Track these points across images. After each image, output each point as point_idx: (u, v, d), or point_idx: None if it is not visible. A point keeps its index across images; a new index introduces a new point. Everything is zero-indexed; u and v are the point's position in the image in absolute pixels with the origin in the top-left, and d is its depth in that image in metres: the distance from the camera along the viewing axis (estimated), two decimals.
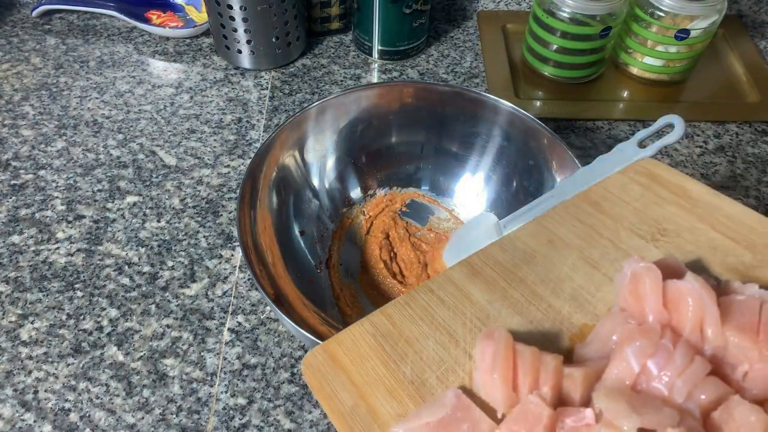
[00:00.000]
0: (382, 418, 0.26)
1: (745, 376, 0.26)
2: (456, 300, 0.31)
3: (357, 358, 0.29)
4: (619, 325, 0.27)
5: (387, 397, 0.27)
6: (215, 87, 0.73)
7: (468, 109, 0.57)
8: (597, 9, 0.65)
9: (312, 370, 0.28)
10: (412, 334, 0.30)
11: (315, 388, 0.28)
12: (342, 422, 0.26)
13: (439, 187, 0.61)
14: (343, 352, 0.29)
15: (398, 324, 0.30)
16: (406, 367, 0.28)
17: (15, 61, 0.76)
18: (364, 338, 0.29)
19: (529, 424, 0.24)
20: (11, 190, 0.61)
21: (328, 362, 0.29)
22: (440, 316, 0.30)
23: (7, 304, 0.52)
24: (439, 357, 0.29)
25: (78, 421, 0.45)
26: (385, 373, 0.28)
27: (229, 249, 0.56)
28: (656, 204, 0.35)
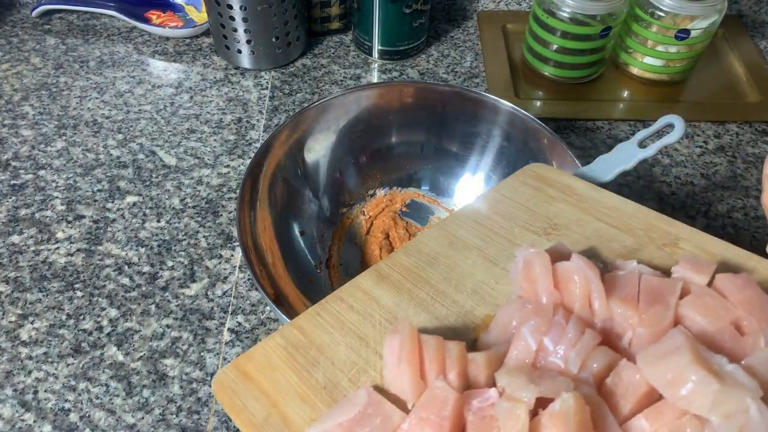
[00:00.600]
0: (296, 424, 0.27)
1: (631, 342, 0.28)
2: (365, 305, 0.32)
3: (269, 371, 0.29)
4: (517, 310, 0.29)
5: (300, 404, 0.27)
6: (215, 87, 0.73)
7: (468, 109, 0.57)
8: (597, 9, 0.65)
9: (222, 387, 0.28)
10: (323, 342, 0.30)
11: (226, 404, 0.28)
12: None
13: (439, 187, 0.61)
14: (254, 367, 0.29)
15: (309, 333, 0.31)
16: (318, 373, 0.29)
17: (15, 61, 0.75)
18: (275, 351, 0.30)
19: (437, 409, 0.25)
20: (11, 190, 0.61)
21: (238, 378, 0.29)
22: (350, 322, 0.31)
23: (7, 304, 0.52)
24: (350, 360, 0.29)
25: (78, 421, 0.45)
26: (297, 382, 0.28)
27: (229, 249, 0.56)
28: (546, 202, 0.38)
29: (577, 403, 0.24)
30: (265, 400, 0.28)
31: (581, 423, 0.24)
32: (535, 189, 0.39)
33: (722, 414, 0.23)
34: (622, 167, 0.46)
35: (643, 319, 0.28)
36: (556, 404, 0.24)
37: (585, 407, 0.24)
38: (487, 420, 0.25)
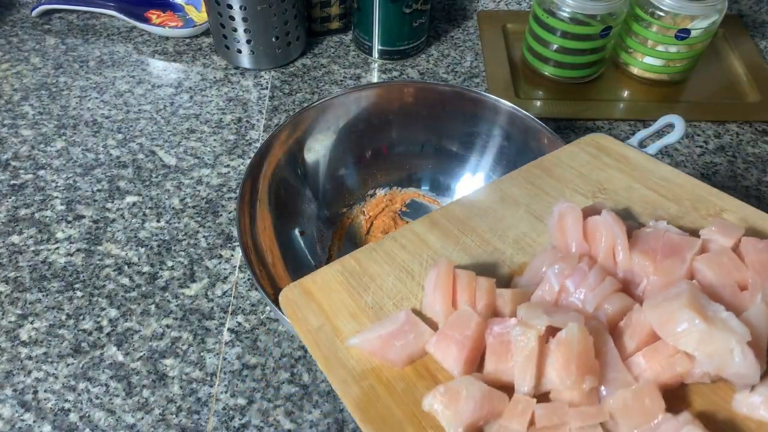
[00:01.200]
0: (343, 334, 0.31)
1: (645, 290, 0.31)
2: (415, 246, 0.36)
3: (326, 291, 0.33)
4: (548, 257, 0.33)
5: (349, 319, 0.32)
6: (215, 87, 0.73)
7: (468, 109, 0.57)
8: (597, 9, 0.65)
9: (287, 300, 0.33)
10: (375, 272, 0.34)
11: (289, 314, 0.32)
12: (309, 337, 0.31)
13: (439, 187, 0.61)
14: (315, 287, 0.33)
15: (364, 264, 0.35)
16: (367, 296, 0.33)
17: (15, 61, 0.75)
18: (334, 276, 0.34)
19: (461, 328, 0.29)
20: (11, 190, 0.61)
21: (301, 295, 0.33)
22: (400, 258, 0.35)
23: (6, 304, 0.52)
24: (396, 289, 0.33)
25: (78, 422, 0.45)
26: (349, 301, 0.33)
27: (229, 249, 0.56)
28: (599, 169, 0.40)
29: (581, 333, 0.27)
30: (321, 313, 0.32)
31: (583, 350, 0.27)
32: (591, 156, 0.41)
33: (706, 352, 0.26)
34: None
35: (657, 269, 0.31)
36: (563, 332, 0.27)
37: (588, 337, 0.27)
38: (505, 344, 0.28)
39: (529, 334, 0.27)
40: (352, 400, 0.28)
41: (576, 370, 0.26)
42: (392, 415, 0.27)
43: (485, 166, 0.59)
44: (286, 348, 0.49)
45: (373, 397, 0.28)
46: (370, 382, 0.29)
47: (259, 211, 0.50)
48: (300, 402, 0.46)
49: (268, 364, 0.48)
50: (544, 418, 0.26)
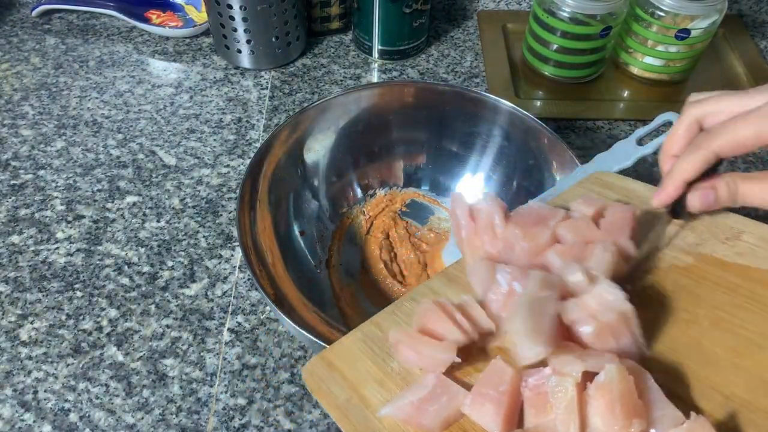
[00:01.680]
0: (373, 405, 0.30)
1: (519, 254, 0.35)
2: None
3: (350, 361, 0.32)
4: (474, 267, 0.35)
5: (377, 388, 0.31)
6: (215, 87, 0.73)
7: (468, 109, 0.57)
8: (597, 9, 0.65)
9: (311, 375, 0.32)
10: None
11: (313, 388, 0.32)
12: (338, 412, 0.30)
13: (439, 187, 0.61)
14: (337, 358, 0.33)
15: (385, 329, 0.34)
16: (393, 362, 0.32)
17: (15, 61, 0.75)
18: (355, 344, 0.33)
19: (495, 385, 0.28)
20: (11, 190, 0.61)
21: (324, 367, 0.32)
22: None
23: (6, 304, 0.52)
24: None
25: (78, 422, 0.45)
26: (374, 369, 0.32)
27: (229, 249, 0.56)
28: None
29: (620, 374, 0.26)
30: (347, 385, 0.31)
31: (625, 392, 0.26)
32: (596, 194, 0.41)
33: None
34: (621, 165, 0.46)
35: (526, 235, 0.34)
36: (601, 376, 0.27)
37: (628, 377, 0.26)
38: (542, 395, 0.27)
39: (566, 383, 0.27)
40: None
41: (621, 413, 0.25)
42: None
43: (485, 166, 0.59)
44: (286, 348, 0.49)
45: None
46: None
47: (259, 211, 0.50)
48: (300, 402, 0.46)
49: (268, 364, 0.48)
50: None
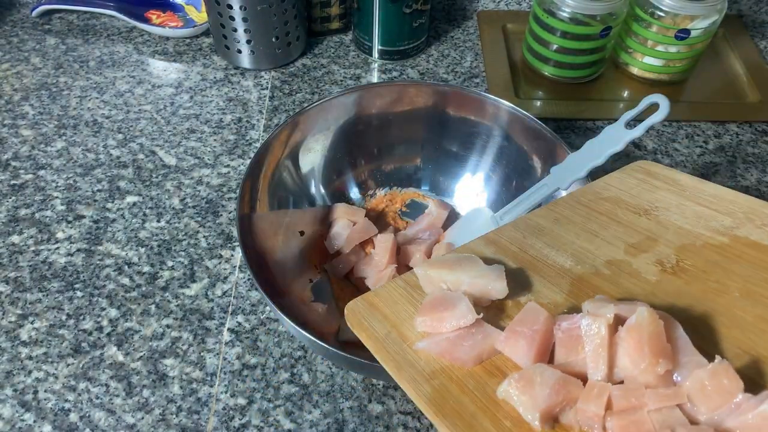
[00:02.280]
0: (411, 339, 0.32)
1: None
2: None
3: (390, 303, 0.34)
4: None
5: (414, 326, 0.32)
6: (215, 87, 0.73)
7: (468, 109, 0.57)
8: (597, 9, 0.65)
9: (352, 312, 0.34)
10: None
11: (354, 324, 0.33)
12: (376, 344, 0.32)
13: (439, 187, 0.61)
14: (379, 300, 0.35)
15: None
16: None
17: (15, 61, 0.75)
18: (396, 290, 0.35)
19: (529, 324, 0.29)
20: (11, 190, 0.61)
21: (366, 307, 0.34)
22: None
23: (7, 304, 0.52)
24: None
25: (78, 421, 0.45)
26: (413, 311, 0.33)
27: (229, 249, 0.56)
28: (649, 190, 0.41)
29: (650, 316, 0.27)
30: (386, 322, 0.33)
31: (654, 334, 0.27)
32: (639, 180, 0.42)
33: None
34: (612, 149, 0.47)
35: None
36: (632, 318, 0.27)
37: (658, 320, 0.27)
38: (574, 338, 0.29)
39: (598, 323, 0.28)
40: (425, 398, 0.29)
41: (649, 352, 0.26)
42: (466, 409, 0.28)
43: (485, 166, 0.59)
44: (286, 348, 0.49)
45: (445, 394, 0.29)
46: (441, 381, 0.29)
47: (259, 211, 0.50)
48: (300, 402, 0.46)
49: (268, 364, 0.48)
50: (621, 399, 0.26)
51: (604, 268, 0.35)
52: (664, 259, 0.35)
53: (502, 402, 0.28)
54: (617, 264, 0.35)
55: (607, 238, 0.37)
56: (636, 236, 0.37)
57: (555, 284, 0.34)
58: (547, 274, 0.35)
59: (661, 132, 0.69)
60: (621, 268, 0.35)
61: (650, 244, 0.36)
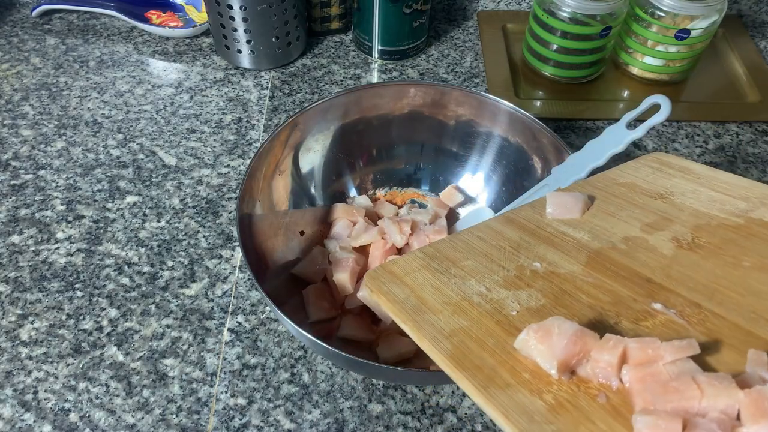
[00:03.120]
0: (429, 303, 0.33)
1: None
2: (492, 237, 0.38)
3: (409, 271, 0.35)
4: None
5: (433, 291, 0.33)
6: (215, 87, 0.73)
7: (468, 109, 0.57)
8: (597, 9, 0.65)
9: (372, 279, 0.35)
10: (454, 256, 0.36)
11: (374, 288, 0.34)
12: (395, 307, 0.33)
13: (439, 187, 0.61)
14: (398, 268, 0.36)
15: (443, 250, 0.37)
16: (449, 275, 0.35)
17: (15, 61, 0.75)
18: (415, 260, 0.36)
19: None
20: (11, 190, 0.61)
21: (385, 274, 0.35)
22: (478, 246, 0.37)
23: (7, 304, 0.52)
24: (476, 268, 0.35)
25: (78, 421, 0.45)
26: (431, 278, 0.35)
27: (229, 249, 0.56)
28: (664, 178, 0.42)
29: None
30: (406, 287, 0.34)
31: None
32: (654, 169, 0.43)
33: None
34: (612, 150, 0.47)
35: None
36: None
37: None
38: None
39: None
40: (445, 353, 0.29)
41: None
42: (486, 363, 0.28)
43: (485, 166, 0.59)
44: (286, 348, 0.49)
45: (465, 350, 0.29)
46: (460, 338, 0.30)
47: (259, 211, 0.50)
48: (300, 402, 0.46)
49: (268, 364, 0.48)
50: (637, 352, 0.26)
51: (620, 244, 0.36)
52: (680, 236, 0.36)
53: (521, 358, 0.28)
54: (633, 240, 0.36)
55: (623, 218, 0.38)
56: (652, 216, 0.38)
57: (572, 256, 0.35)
58: (564, 248, 0.36)
59: (661, 132, 0.69)
60: (637, 244, 0.36)
61: (666, 224, 0.37)
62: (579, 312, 0.31)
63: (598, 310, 0.31)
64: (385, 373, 0.43)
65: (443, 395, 0.47)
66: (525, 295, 0.33)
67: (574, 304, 0.32)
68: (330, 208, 0.57)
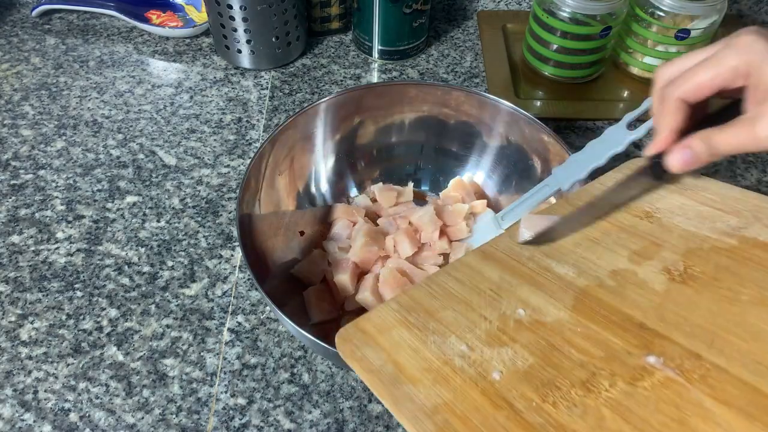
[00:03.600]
0: (408, 370, 0.30)
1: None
2: (470, 277, 0.35)
3: (384, 329, 0.32)
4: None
5: (412, 354, 0.31)
6: (215, 87, 0.73)
7: (468, 109, 0.57)
8: (597, 9, 0.65)
9: (344, 341, 0.32)
10: (432, 307, 0.34)
11: (346, 353, 0.32)
12: (372, 377, 0.30)
13: (439, 187, 0.61)
14: (372, 326, 0.33)
15: (419, 300, 0.34)
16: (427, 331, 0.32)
17: (15, 61, 0.75)
18: (389, 314, 0.33)
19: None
20: (11, 190, 0.61)
21: (358, 334, 0.32)
22: (457, 291, 0.35)
23: (7, 304, 0.52)
24: (456, 321, 0.33)
25: (78, 421, 0.45)
26: (409, 337, 0.32)
27: (229, 249, 0.56)
28: (648, 190, 0.40)
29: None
30: (382, 351, 0.31)
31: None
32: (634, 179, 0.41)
33: None
34: (613, 150, 0.47)
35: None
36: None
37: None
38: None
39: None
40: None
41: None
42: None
43: (485, 166, 0.59)
44: (286, 348, 0.49)
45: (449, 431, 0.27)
46: (444, 417, 0.28)
47: (259, 211, 0.50)
48: (300, 402, 0.46)
49: (268, 364, 0.48)
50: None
51: (608, 279, 0.34)
52: (671, 266, 0.34)
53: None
54: (622, 274, 0.34)
55: (609, 246, 0.36)
56: (639, 242, 0.36)
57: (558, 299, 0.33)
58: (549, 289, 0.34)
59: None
60: (626, 279, 0.34)
61: (655, 250, 0.35)
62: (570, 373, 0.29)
63: (591, 369, 0.29)
64: None
65: None
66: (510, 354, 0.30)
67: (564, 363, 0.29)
68: (330, 208, 0.57)
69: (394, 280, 0.49)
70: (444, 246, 0.53)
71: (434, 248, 0.53)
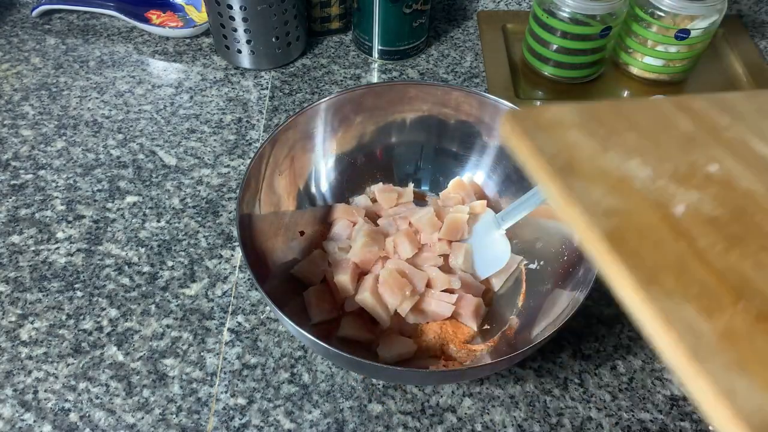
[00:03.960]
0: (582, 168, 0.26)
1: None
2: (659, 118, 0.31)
3: (559, 126, 0.28)
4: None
5: (589, 158, 0.27)
6: (215, 87, 0.73)
7: (468, 109, 0.57)
8: (597, 9, 0.65)
9: (515, 119, 0.28)
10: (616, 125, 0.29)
11: (516, 132, 0.27)
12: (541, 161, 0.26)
13: (439, 187, 0.61)
14: (546, 118, 0.28)
15: (602, 114, 0.29)
16: (608, 144, 0.27)
17: (15, 61, 0.76)
18: (568, 114, 0.29)
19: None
20: (11, 190, 0.61)
21: (530, 120, 0.28)
22: (643, 123, 0.30)
23: (7, 304, 0.52)
24: (641, 147, 0.28)
25: (78, 421, 0.45)
26: (585, 141, 0.27)
27: (229, 249, 0.56)
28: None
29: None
30: (556, 142, 0.27)
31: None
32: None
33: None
34: None
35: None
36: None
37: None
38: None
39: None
40: (600, 229, 0.24)
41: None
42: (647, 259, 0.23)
43: (485, 166, 0.59)
44: (286, 348, 0.50)
45: (624, 235, 0.23)
46: (618, 222, 0.24)
47: (259, 211, 0.50)
48: (300, 402, 0.46)
49: (268, 364, 0.48)
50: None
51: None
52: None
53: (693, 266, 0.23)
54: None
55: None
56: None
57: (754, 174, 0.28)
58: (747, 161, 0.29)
59: None
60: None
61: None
62: (761, 237, 0.25)
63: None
64: (385, 373, 0.43)
65: (443, 395, 0.47)
66: (696, 198, 0.26)
67: (753, 228, 0.26)
68: (330, 208, 0.57)
69: (394, 280, 0.49)
70: (444, 247, 0.53)
71: (434, 249, 0.53)
